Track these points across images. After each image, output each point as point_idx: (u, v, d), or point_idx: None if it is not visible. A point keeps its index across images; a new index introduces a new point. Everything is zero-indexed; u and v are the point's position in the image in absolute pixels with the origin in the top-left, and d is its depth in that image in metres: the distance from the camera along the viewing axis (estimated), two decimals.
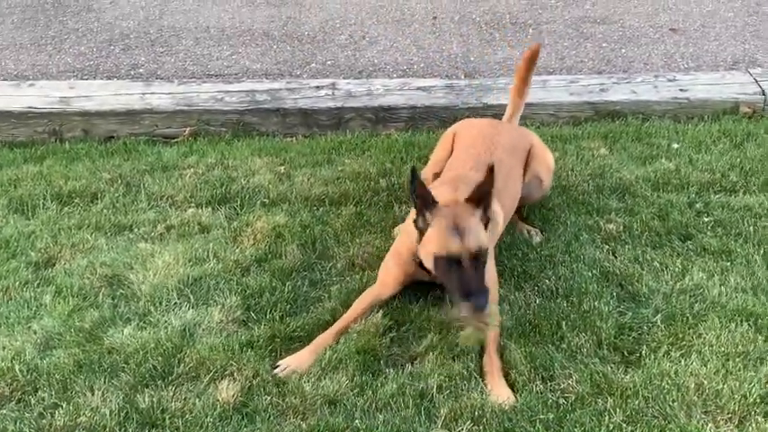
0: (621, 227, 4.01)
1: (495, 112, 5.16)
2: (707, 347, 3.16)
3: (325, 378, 3.07)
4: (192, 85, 5.60)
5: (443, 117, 5.35)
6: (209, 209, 4.28)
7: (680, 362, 3.09)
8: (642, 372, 3.06)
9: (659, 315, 3.34)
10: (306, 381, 3.04)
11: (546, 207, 4.23)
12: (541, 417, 2.85)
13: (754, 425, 2.82)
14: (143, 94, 5.46)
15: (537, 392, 2.97)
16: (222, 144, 5.14)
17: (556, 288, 3.55)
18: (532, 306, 3.44)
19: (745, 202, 4.17)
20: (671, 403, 2.90)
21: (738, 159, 4.61)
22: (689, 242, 3.85)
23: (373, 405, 2.94)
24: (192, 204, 4.35)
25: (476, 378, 3.05)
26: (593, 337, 3.23)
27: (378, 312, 3.40)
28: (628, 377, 3.04)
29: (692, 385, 2.98)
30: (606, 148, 4.89)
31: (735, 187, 4.33)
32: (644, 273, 3.62)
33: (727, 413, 2.87)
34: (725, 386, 2.96)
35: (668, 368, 3.06)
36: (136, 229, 4.09)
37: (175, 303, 3.50)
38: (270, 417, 2.89)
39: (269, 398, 2.97)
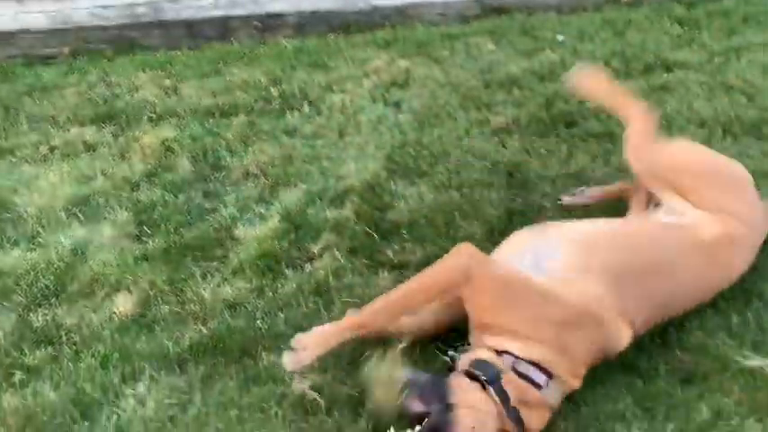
0: (510, 119, 4.08)
1: (384, 14, 5.17)
2: None
3: (224, 284, 3.07)
4: (67, 1, 5.33)
5: (331, 22, 5.28)
6: (94, 127, 4.16)
7: None
8: None
9: (546, 199, 3.44)
10: (204, 288, 3.04)
11: (437, 105, 4.26)
12: None
13: None
14: (16, 13, 5.19)
15: None
16: (104, 61, 4.96)
17: (448, 181, 3.60)
18: (426, 200, 3.49)
19: (627, 87, 4.26)
20: None
21: (620, 46, 4.72)
22: (574, 128, 3.95)
23: (274, 305, 2.96)
24: (76, 124, 4.21)
25: (372, 270, 3.10)
26: (485, 225, 3.31)
27: (274, 217, 3.41)
28: None
29: None
30: (493, 43, 4.93)
31: (617, 74, 4.43)
32: (532, 160, 3.71)
33: None
34: None
35: None
36: (18, 152, 3.94)
37: (64, 223, 3.42)
38: (170, 325, 2.88)
39: (168, 307, 2.96)
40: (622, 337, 2.50)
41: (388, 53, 4.94)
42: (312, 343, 2.46)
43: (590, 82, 3.27)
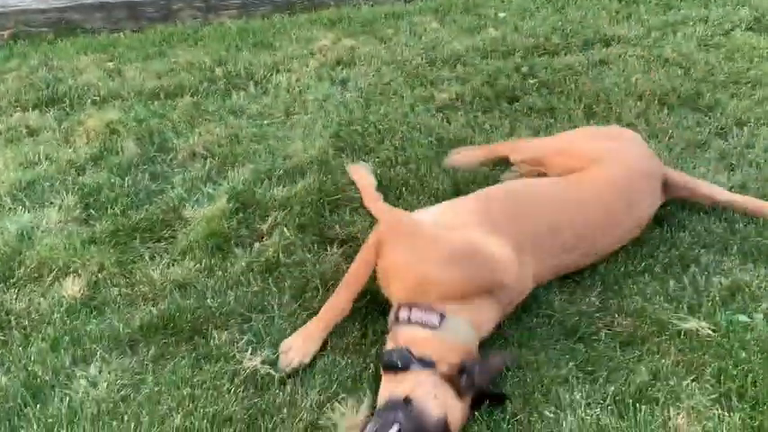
0: (454, 95, 4.12)
1: None
2: None
3: (173, 265, 3.06)
4: None
5: (276, 2, 5.26)
6: (37, 111, 4.10)
7: None
8: None
9: (491, 173, 3.49)
10: (153, 269, 3.03)
11: (383, 83, 4.29)
12: None
13: None
14: None
15: None
16: (45, 45, 4.88)
17: (395, 157, 3.63)
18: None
19: (567, 62, 4.36)
20: None
21: (560, 23, 4.80)
22: (516, 104, 4.01)
23: (224, 284, 2.96)
24: (18, 109, 4.14)
25: (322, 246, 3.13)
26: (432, 199, 3.35)
27: (222, 197, 3.40)
28: None
29: None
30: (437, 21, 4.96)
31: (557, 49, 4.52)
32: (475, 135, 3.76)
33: None
34: None
35: None
36: None
37: (10, 209, 3.38)
38: (120, 306, 2.87)
39: (117, 289, 2.94)
40: (508, 263, 2.62)
41: (333, 32, 4.95)
42: (296, 346, 2.61)
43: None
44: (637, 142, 3.22)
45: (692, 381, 2.51)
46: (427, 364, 2.37)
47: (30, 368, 2.59)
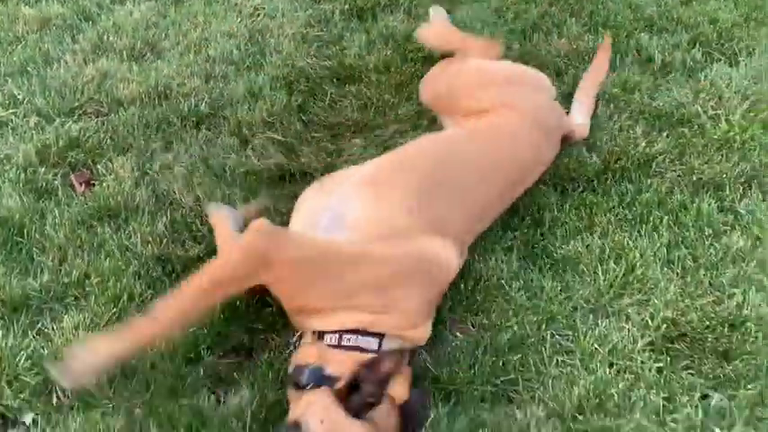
0: None
1: None
2: None
3: None
4: None
5: None
6: None
7: None
8: None
9: None
10: None
11: None
12: None
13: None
14: None
15: None
16: None
17: None
18: None
19: None
20: None
21: None
22: None
23: None
24: None
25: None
26: None
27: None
28: None
29: None
30: None
31: None
32: None
33: None
34: None
35: None
36: None
37: None
38: None
39: None
40: (454, 263, 2.25)
41: None
42: (91, 361, 1.96)
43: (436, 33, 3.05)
44: (548, 92, 2.79)
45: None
46: (331, 384, 1.96)
47: (80, 2, 3.28)
